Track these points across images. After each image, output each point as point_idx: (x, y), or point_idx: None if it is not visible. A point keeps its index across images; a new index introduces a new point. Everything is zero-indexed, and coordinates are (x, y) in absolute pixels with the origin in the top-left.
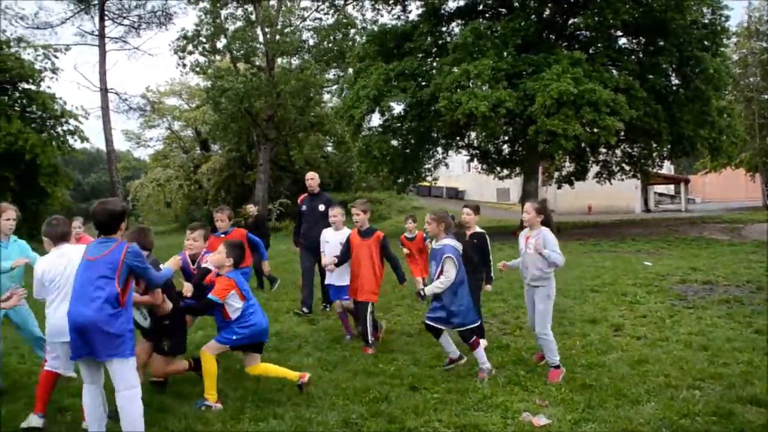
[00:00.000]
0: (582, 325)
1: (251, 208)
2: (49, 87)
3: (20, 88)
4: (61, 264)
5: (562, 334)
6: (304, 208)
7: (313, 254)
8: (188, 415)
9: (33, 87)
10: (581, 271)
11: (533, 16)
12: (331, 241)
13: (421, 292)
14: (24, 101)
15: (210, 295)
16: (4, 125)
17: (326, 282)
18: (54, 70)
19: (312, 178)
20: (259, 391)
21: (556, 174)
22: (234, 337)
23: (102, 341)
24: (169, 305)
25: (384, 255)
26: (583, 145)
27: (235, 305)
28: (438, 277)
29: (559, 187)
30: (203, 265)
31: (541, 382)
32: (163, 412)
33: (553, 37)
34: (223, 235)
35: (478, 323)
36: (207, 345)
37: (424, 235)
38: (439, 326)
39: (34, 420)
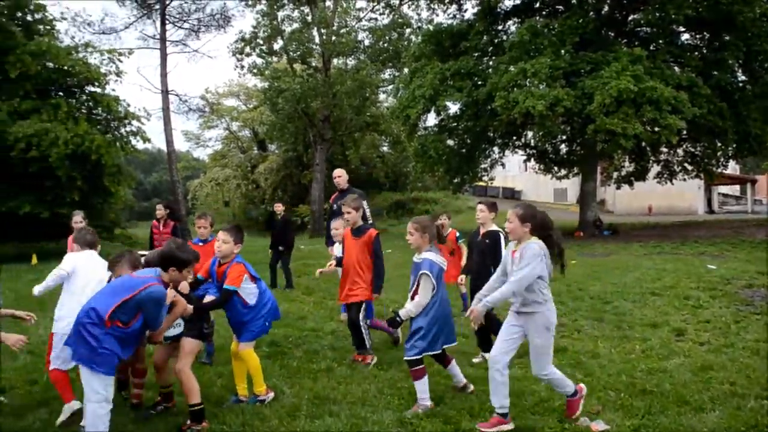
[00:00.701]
0: (642, 329)
1: (279, 207)
2: (113, 90)
3: (87, 91)
4: (89, 266)
5: (621, 337)
6: (335, 206)
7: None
8: (246, 410)
9: (98, 90)
10: (641, 273)
11: (591, 13)
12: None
13: (397, 318)
14: (90, 104)
15: (226, 286)
16: (72, 127)
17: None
18: (118, 74)
19: (339, 176)
20: (315, 389)
21: (614, 174)
22: (266, 323)
23: None
24: (190, 308)
25: (372, 255)
26: (643, 144)
27: (249, 289)
28: (412, 297)
29: (618, 188)
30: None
31: (600, 386)
32: (220, 406)
33: (612, 34)
34: (202, 243)
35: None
36: (242, 347)
37: (457, 234)
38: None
39: (68, 408)
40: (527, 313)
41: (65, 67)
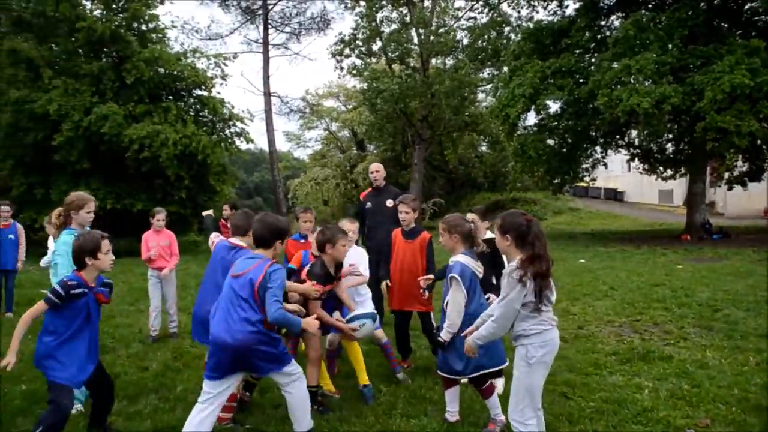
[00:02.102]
0: (756, 339)
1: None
2: (218, 92)
3: (194, 95)
4: None
5: (732, 348)
6: (368, 205)
7: (382, 257)
8: (343, 407)
9: (205, 93)
10: (755, 280)
11: (702, 4)
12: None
13: (439, 338)
14: (197, 106)
15: None
16: (181, 129)
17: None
18: (223, 77)
19: (377, 171)
20: (411, 388)
21: (726, 174)
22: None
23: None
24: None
25: (425, 260)
26: (759, 142)
27: None
28: (445, 308)
29: (730, 189)
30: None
31: (709, 398)
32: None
33: (726, 26)
34: (303, 240)
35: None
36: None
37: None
38: (453, 376)
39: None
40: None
41: (175, 72)
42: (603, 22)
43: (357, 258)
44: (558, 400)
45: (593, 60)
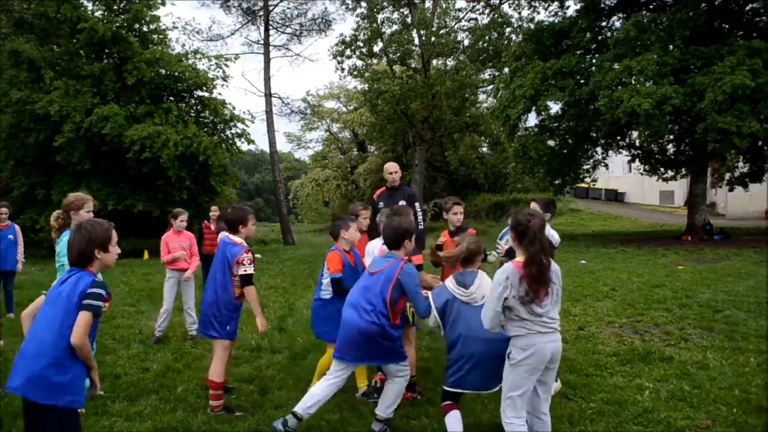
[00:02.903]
0: (757, 341)
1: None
2: (219, 94)
3: (195, 96)
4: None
5: (733, 349)
6: (381, 204)
7: None
8: (344, 407)
9: (206, 94)
10: (756, 281)
11: (703, 5)
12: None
13: None
14: (198, 107)
15: None
16: (182, 130)
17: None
18: (224, 78)
19: (396, 171)
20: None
21: (727, 175)
22: None
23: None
24: None
25: None
26: (759, 143)
27: None
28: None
29: (731, 190)
30: None
31: (710, 399)
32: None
33: (727, 26)
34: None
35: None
36: None
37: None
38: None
39: None
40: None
41: (176, 74)
42: (604, 23)
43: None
44: (559, 401)
45: (594, 61)
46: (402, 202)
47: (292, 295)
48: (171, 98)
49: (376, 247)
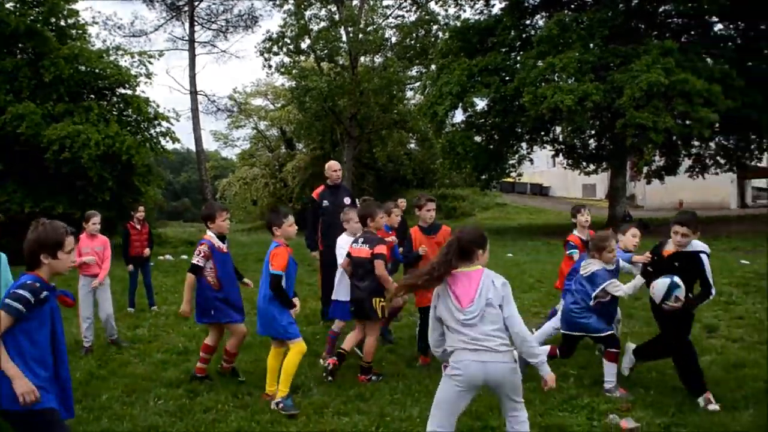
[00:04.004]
0: None
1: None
2: (143, 91)
3: (118, 93)
4: None
5: (651, 334)
6: (325, 203)
7: (335, 261)
8: (273, 410)
9: (129, 92)
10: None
11: (621, 5)
12: (347, 247)
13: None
14: (121, 105)
15: None
16: (104, 129)
17: (334, 297)
18: (148, 75)
19: (338, 169)
20: (343, 387)
21: (645, 169)
22: None
23: None
24: None
25: None
26: (674, 138)
27: None
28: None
29: (649, 182)
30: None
31: (630, 383)
32: (244, 409)
33: (643, 27)
34: (391, 231)
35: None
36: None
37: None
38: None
39: None
40: None
41: (97, 70)
42: (528, 22)
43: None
44: (490, 392)
45: (518, 58)
46: (347, 200)
47: None
48: (92, 96)
49: (346, 242)
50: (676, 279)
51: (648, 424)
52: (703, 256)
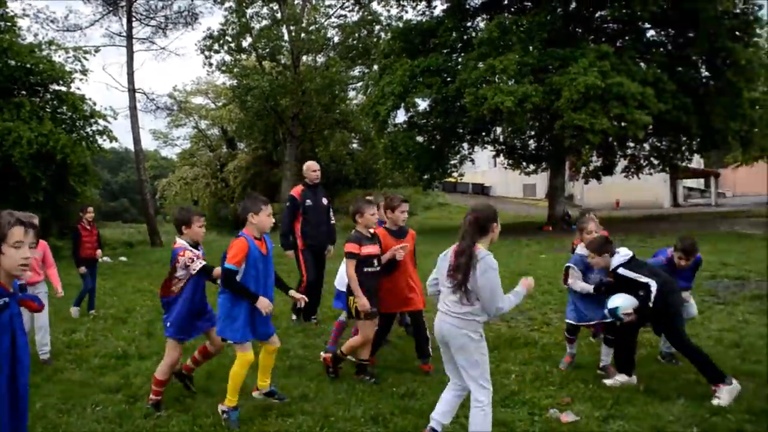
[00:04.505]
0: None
1: None
2: (78, 88)
3: (51, 90)
4: None
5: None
6: (308, 202)
7: (319, 259)
8: (216, 412)
9: (63, 88)
10: None
11: (559, 10)
12: None
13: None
14: (55, 102)
15: None
16: (36, 126)
17: (339, 288)
18: (84, 72)
19: (317, 169)
20: (287, 388)
21: (583, 169)
22: None
23: None
24: None
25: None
26: (610, 139)
27: None
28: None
29: (586, 182)
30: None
31: (570, 379)
32: (186, 413)
33: (580, 31)
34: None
35: None
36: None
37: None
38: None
39: None
40: None
41: (28, 65)
42: (469, 24)
43: None
44: (434, 390)
45: (460, 60)
46: (324, 200)
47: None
48: (23, 92)
49: None
50: (610, 306)
51: (587, 417)
52: (621, 270)
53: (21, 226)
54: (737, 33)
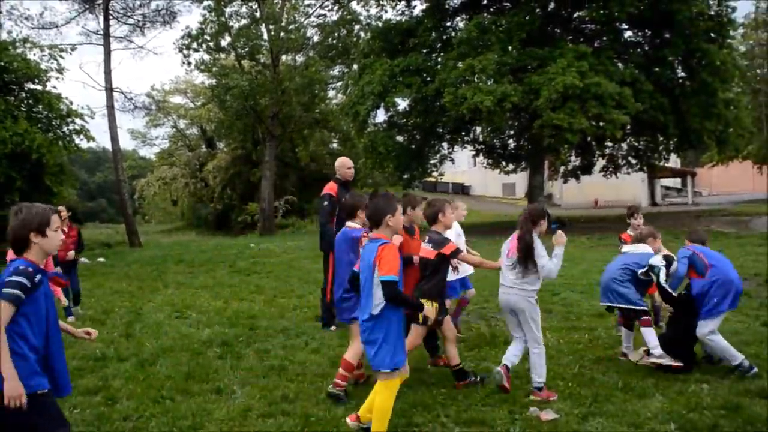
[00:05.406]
0: (589, 319)
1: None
2: (54, 87)
3: (26, 89)
4: None
5: (569, 328)
6: (344, 200)
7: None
8: (196, 413)
9: (39, 87)
10: (588, 264)
11: (538, 10)
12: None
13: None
14: (30, 101)
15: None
16: (11, 125)
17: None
18: (60, 70)
19: (352, 166)
20: (267, 388)
21: (561, 168)
22: None
23: None
24: None
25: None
26: (588, 138)
27: None
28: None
29: (565, 181)
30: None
31: (550, 376)
32: (165, 415)
33: (558, 31)
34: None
35: None
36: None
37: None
38: None
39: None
40: None
41: (2, 63)
42: (448, 24)
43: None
44: (414, 389)
45: (439, 59)
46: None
47: (139, 299)
48: None
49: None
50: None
51: (567, 414)
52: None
53: (56, 215)
54: (712, 35)
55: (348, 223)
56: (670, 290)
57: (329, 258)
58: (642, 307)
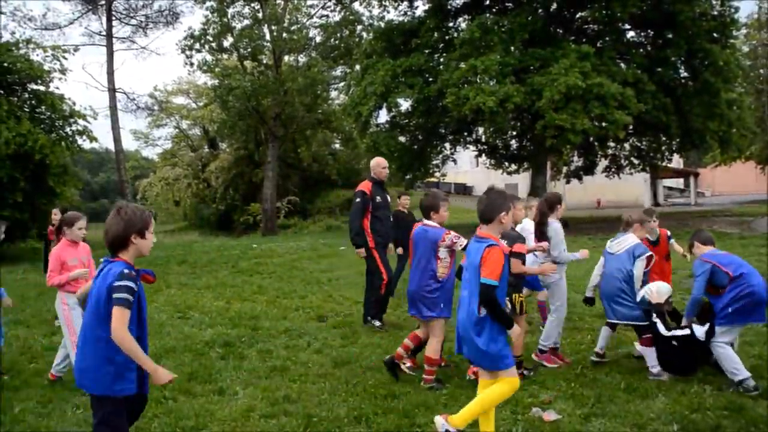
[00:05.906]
0: (591, 320)
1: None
2: (57, 88)
3: (29, 89)
4: None
5: (571, 329)
6: (378, 199)
7: (389, 257)
8: (199, 413)
9: (42, 88)
10: (590, 265)
11: (540, 11)
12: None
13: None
14: (33, 102)
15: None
16: (14, 126)
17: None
18: (62, 71)
19: (387, 166)
20: (269, 389)
21: (564, 168)
22: None
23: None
24: None
25: None
26: (591, 139)
27: None
28: None
29: (568, 182)
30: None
31: (552, 376)
32: (168, 415)
33: (561, 31)
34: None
35: None
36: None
37: (668, 233)
38: None
39: None
40: None
41: (5, 64)
42: (451, 24)
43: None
44: (416, 390)
45: (441, 60)
46: (388, 198)
47: None
48: (1, 91)
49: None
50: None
51: (569, 415)
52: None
53: (152, 218)
54: (715, 35)
55: (426, 221)
56: (681, 332)
57: (373, 253)
58: (645, 323)
